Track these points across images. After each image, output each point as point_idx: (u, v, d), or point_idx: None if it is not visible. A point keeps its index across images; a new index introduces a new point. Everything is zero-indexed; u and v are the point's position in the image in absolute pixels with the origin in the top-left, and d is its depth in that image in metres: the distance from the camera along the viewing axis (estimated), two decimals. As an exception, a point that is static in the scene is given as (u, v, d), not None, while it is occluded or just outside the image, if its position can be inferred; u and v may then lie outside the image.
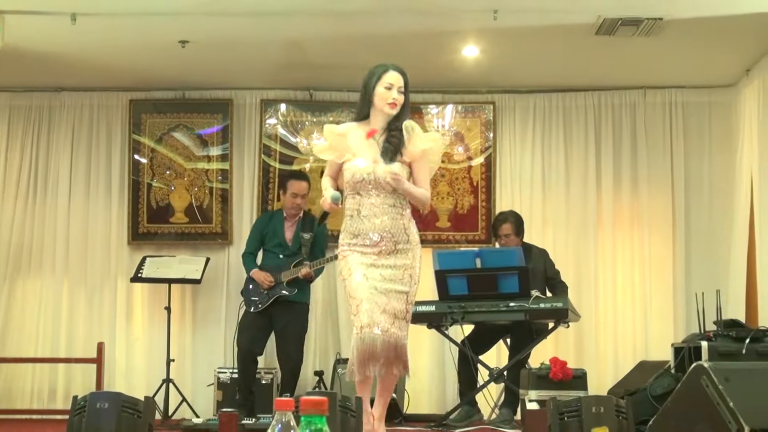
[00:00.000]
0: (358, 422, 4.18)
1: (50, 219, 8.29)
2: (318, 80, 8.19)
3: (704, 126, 8.26)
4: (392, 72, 4.75)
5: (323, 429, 1.59)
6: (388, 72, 4.75)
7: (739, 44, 7.21)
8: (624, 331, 8.13)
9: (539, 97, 8.38)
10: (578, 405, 3.76)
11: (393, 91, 4.70)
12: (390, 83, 4.70)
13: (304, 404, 1.59)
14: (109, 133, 8.39)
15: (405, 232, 4.64)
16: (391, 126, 4.72)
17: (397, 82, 4.72)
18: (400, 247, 4.61)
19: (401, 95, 4.72)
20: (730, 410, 3.73)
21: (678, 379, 5.18)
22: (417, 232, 4.79)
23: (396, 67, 4.78)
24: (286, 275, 7.16)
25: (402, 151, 4.66)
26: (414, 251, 4.67)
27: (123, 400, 3.80)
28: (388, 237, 4.60)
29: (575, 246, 8.19)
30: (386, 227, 4.60)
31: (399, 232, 4.63)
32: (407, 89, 4.76)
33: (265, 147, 8.29)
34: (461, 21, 6.82)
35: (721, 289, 6.62)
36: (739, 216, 7.81)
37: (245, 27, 6.90)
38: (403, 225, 4.66)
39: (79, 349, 8.07)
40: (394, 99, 4.71)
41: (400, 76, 4.74)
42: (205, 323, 8.22)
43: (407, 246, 4.64)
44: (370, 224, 4.62)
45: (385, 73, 4.74)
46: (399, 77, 4.74)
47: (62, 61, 7.58)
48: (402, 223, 4.64)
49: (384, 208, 4.63)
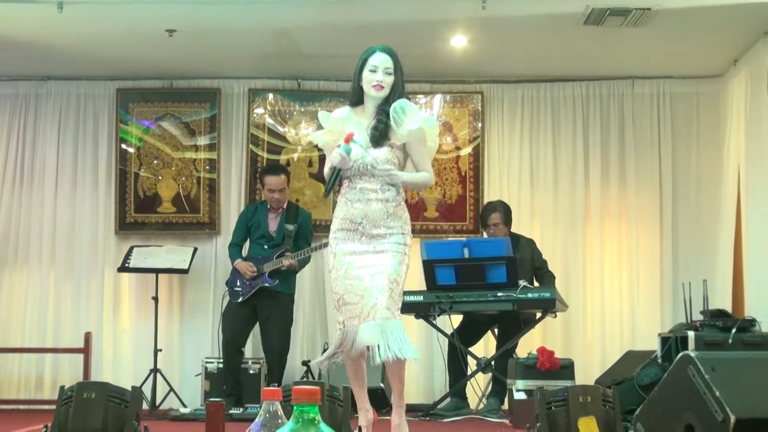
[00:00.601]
0: (345, 411, 4.18)
1: (37, 208, 8.27)
2: (306, 69, 8.17)
3: (692, 116, 8.28)
4: (378, 54, 4.61)
5: (316, 418, 1.59)
6: (374, 54, 4.61)
7: (726, 35, 7.22)
8: (611, 321, 8.16)
9: (527, 87, 8.38)
10: (565, 395, 3.77)
11: (378, 73, 4.57)
12: (375, 65, 4.58)
13: (297, 394, 1.59)
14: (96, 122, 8.37)
15: (394, 217, 4.54)
16: (381, 110, 4.58)
17: (383, 63, 4.57)
18: (387, 232, 4.52)
19: (388, 76, 4.57)
20: (717, 399, 3.74)
21: (665, 369, 5.19)
22: (407, 218, 4.66)
23: (383, 48, 4.63)
24: (268, 266, 7.15)
25: (391, 135, 4.58)
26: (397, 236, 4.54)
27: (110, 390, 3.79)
28: (376, 222, 4.50)
29: (563, 236, 8.21)
30: (375, 212, 4.51)
31: (386, 217, 4.52)
32: (398, 70, 4.60)
33: (252, 136, 8.28)
34: (450, 11, 6.82)
35: (707, 279, 6.64)
36: (725, 206, 7.84)
37: (233, 16, 6.88)
38: (393, 210, 4.56)
39: (67, 339, 8.06)
40: (379, 81, 4.56)
41: (386, 57, 4.59)
42: (192, 313, 8.21)
43: (387, 231, 4.53)
44: (359, 209, 4.54)
45: (371, 56, 4.61)
46: (385, 58, 4.59)
47: (49, 49, 7.55)
48: (388, 206, 4.54)
49: (374, 193, 4.55)
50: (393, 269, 4.48)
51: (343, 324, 4.48)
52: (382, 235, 4.52)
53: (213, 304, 8.08)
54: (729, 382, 3.82)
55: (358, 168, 4.54)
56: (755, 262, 7.19)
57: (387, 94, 4.60)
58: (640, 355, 6.63)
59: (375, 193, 4.54)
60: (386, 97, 4.60)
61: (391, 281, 4.46)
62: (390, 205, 4.55)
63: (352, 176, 4.58)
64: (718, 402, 3.73)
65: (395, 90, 4.61)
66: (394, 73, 4.60)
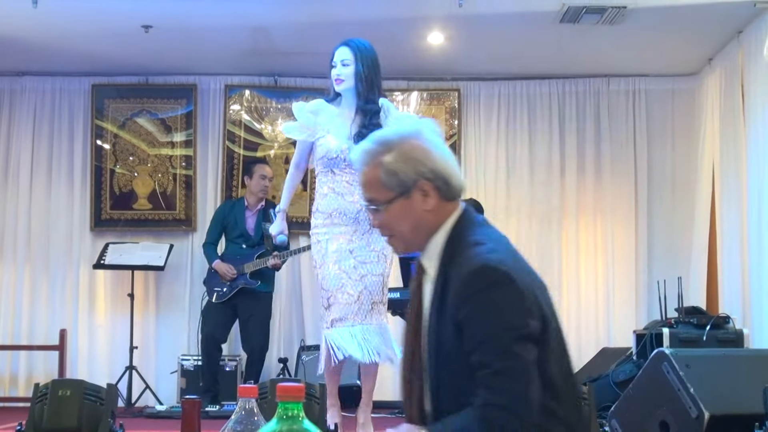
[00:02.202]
0: (321, 408, 4.18)
1: (11, 205, 8.20)
2: (283, 66, 8.15)
3: (667, 114, 8.32)
4: (338, 49, 4.62)
5: (300, 415, 1.61)
6: (336, 50, 4.63)
7: (701, 33, 7.26)
8: (587, 318, 8.18)
9: (504, 84, 8.40)
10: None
11: (337, 67, 4.59)
12: (335, 61, 4.59)
13: (282, 391, 1.61)
14: (71, 118, 8.32)
15: None
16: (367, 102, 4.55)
17: (340, 57, 4.58)
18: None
19: (345, 67, 4.56)
20: (691, 396, 3.77)
21: (639, 366, 5.22)
22: None
23: (344, 42, 4.63)
24: (249, 267, 7.14)
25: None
26: None
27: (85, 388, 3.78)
28: (364, 215, 4.42)
29: (539, 233, 8.23)
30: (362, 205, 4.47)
31: None
32: (359, 59, 4.57)
33: (229, 133, 8.25)
34: (427, 8, 6.82)
35: (682, 276, 6.68)
36: (700, 204, 7.88)
37: (210, 12, 6.85)
38: None
39: (41, 336, 8.01)
40: (338, 75, 4.57)
41: (344, 49, 4.60)
42: (168, 310, 8.18)
43: None
44: (346, 202, 4.49)
45: (334, 53, 4.63)
46: (343, 50, 4.59)
47: (24, 45, 7.49)
48: None
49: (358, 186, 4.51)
50: (386, 271, 4.50)
51: (331, 324, 4.43)
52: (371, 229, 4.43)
53: (189, 301, 8.05)
54: (703, 379, 3.85)
55: (344, 159, 4.49)
56: (729, 260, 7.24)
57: (351, 85, 4.57)
58: (615, 352, 6.67)
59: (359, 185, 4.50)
60: (355, 90, 4.56)
61: (385, 285, 4.49)
62: None
63: (334, 168, 4.53)
64: (693, 399, 3.76)
65: (359, 79, 4.55)
66: (353, 63, 4.56)
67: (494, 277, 2.30)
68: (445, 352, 2.36)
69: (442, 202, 2.46)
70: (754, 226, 6.73)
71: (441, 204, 2.45)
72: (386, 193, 2.44)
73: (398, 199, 2.44)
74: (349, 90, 4.61)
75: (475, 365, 2.25)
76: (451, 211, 2.48)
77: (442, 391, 2.37)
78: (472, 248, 2.37)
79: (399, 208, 2.44)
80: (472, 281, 2.30)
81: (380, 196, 2.46)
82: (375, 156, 2.46)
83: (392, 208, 2.45)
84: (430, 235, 2.46)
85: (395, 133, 2.54)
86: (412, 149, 2.44)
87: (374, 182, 2.46)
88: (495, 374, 2.19)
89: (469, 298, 2.29)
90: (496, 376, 2.18)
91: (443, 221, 2.46)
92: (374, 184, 2.46)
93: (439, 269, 2.42)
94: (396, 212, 2.45)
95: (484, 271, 2.30)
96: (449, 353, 2.34)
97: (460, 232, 2.44)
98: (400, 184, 2.43)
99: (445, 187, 2.45)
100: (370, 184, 2.48)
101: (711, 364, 3.99)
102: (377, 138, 2.52)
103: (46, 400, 3.72)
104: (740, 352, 5.19)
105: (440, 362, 2.38)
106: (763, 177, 6.60)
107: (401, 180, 2.42)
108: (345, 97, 4.63)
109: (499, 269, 2.31)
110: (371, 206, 2.49)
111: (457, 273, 2.35)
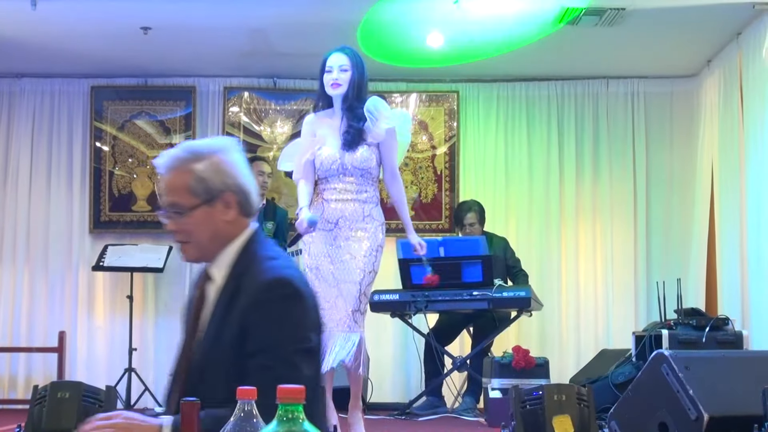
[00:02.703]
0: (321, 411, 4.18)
1: (11, 207, 8.19)
2: (282, 68, 8.15)
3: (666, 116, 8.32)
4: (333, 55, 4.67)
5: (300, 416, 1.62)
6: (329, 56, 4.68)
7: (700, 35, 7.25)
8: (586, 320, 8.18)
9: (502, 86, 8.39)
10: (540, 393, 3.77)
11: (333, 72, 4.63)
12: (331, 66, 4.64)
13: (282, 393, 1.62)
14: (70, 120, 8.31)
15: (370, 219, 4.56)
16: (351, 108, 4.60)
17: (338, 62, 4.62)
18: (355, 235, 4.53)
19: (344, 73, 4.61)
20: (690, 398, 3.76)
21: (639, 368, 5.22)
22: (382, 217, 4.68)
23: (339, 48, 4.69)
24: None
25: (366, 135, 4.58)
26: (373, 238, 4.56)
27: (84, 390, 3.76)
28: (344, 221, 4.52)
29: (538, 235, 8.22)
30: (348, 211, 4.52)
31: (357, 218, 4.53)
32: (356, 66, 4.64)
33: (228, 135, 8.24)
34: (425, 9, 6.81)
35: (681, 278, 6.67)
36: (699, 205, 7.88)
37: (208, 14, 6.84)
38: (369, 211, 4.57)
39: (40, 338, 8.00)
40: (335, 79, 4.61)
41: (339, 55, 4.64)
42: (167, 312, 8.16)
43: (363, 234, 4.54)
44: (330, 208, 4.55)
45: (328, 58, 4.68)
46: (338, 56, 4.64)
47: (23, 46, 7.48)
48: (365, 207, 4.55)
49: (348, 193, 4.55)
50: (363, 279, 4.52)
51: None
52: (357, 237, 4.53)
53: (188, 303, 8.03)
54: (702, 381, 3.84)
55: (336, 168, 4.56)
56: (728, 261, 7.23)
57: (345, 91, 4.62)
58: (614, 353, 6.66)
59: (351, 193, 4.55)
60: (345, 95, 4.62)
61: (362, 293, 4.50)
62: (367, 206, 4.57)
63: (329, 177, 4.60)
64: (692, 400, 3.75)
65: (352, 86, 4.62)
66: (350, 69, 4.61)
67: (288, 290, 2.44)
68: (219, 353, 2.47)
69: (240, 217, 2.58)
70: (753, 227, 6.73)
71: (239, 218, 2.57)
72: (191, 200, 2.53)
73: (202, 206, 2.53)
74: (340, 95, 4.66)
75: (256, 368, 2.37)
76: (245, 225, 2.60)
77: (205, 386, 2.44)
78: (267, 261, 2.51)
79: (201, 215, 2.54)
80: (266, 290, 2.43)
81: (185, 202, 2.53)
82: (185, 163, 2.54)
83: (195, 214, 2.54)
84: (224, 245, 2.57)
85: (206, 144, 2.63)
86: (221, 162, 2.55)
87: (181, 188, 2.53)
88: (276, 379, 2.26)
89: (260, 304, 2.42)
90: (277, 381, 2.26)
91: (238, 234, 2.58)
92: (181, 189, 2.54)
93: (228, 278, 2.54)
94: (197, 219, 2.54)
95: (279, 283, 2.44)
96: (224, 354, 2.45)
97: (254, 245, 2.58)
98: (207, 192, 2.52)
99: (245, 203, 2.58)
100: (176, 189, 2.55)
101: (710, 366, 3.98)
102: (188, 147, 2.61)
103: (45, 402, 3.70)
104: (739, 353, 5.19)
105: (211, 361, 2.50)
106: (761, 179, 6.60)
107: (209, 188, 2.52)
108: (337, 104, 4.69)
109: (292, 284, 2.45)
110: (172, 210, 2.55)
111: (250, 282, 2.47)
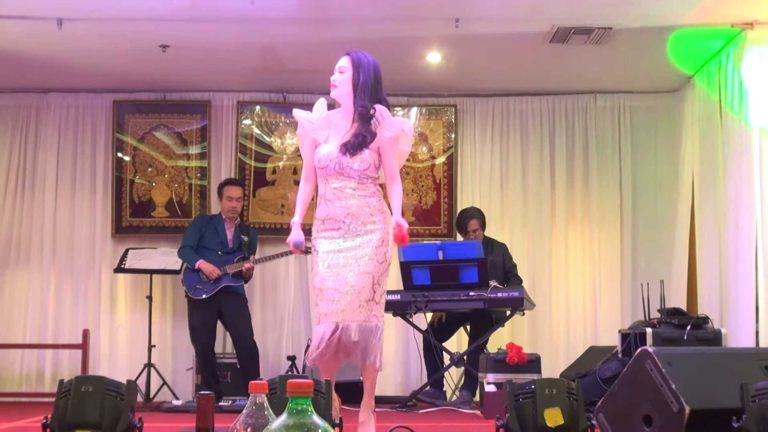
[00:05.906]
0: (327, 403, 4.17)
1: (38, 214, 8.22)
2: (291, 83, 8.16)
3: (650, 128, 8.33)
4: (340, 59, 4.56)
5: (309, 409, 1.61)
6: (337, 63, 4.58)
7: (683, 53, 7.26)
8: (575, 319, 8.19)
9: (498, 100, 8.41)
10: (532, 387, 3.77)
11: (334, 75, 4.57)
12: (335, 69, 4.58)
13: (291, 387, 1.61)
14: (93, 132, 8.33)
15: (371, 214, 4.39)
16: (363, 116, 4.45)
17: (338, 64, 4.53)
18: (366, 228, 4.37)
19: (341, 74, 4.50)
20: (672, 392, 3.76)
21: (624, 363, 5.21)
22: (388, 212, 4.48)
23: (346, 52, 4.56)
24: (231, 268, 7.19)
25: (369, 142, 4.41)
26: (381, 232, 4.38)
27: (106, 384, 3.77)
28: (353, 219, 4.36)
29: (531, 239, 8.23)
30: (351, 209, 4.35)
31: (364, 213, 4.37)
32: (357, 68, 4.49)
33: (241, 146, 8.27)
34: (425, 29, 6.83)
35: (664, 279, 6.68)
36: (681, 211, 7.88)
37: (223, 33, 6.86)
38: (370, 206, 4.42)
39: (66, 336, 8.02)
40: (332, 80, 4.52)
41: (343, 58, 4.53)
42: (184, 311, 8.10)
43: (373, 227, 4.37)
44: (334, 207, 4.41)
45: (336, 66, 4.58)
46: (342, 59, 4.53)
47: (49, 63, 7.51)
48: (368, 203, 4.40)
49: (347, 191, 4.40)
50: (376, 270, 4.38)
51: (319, 320, 4.39)
52: (367, 230, 4.37)
53: (203, 302, 8.05)
54: (684, 376, 3.84)
55: (334, 168, 4.44)
56: (708, 264, 7.23)
57: (344, 92, 4.51)
58: (601, 350, 6.67)
59: (353, 190, 4.41)
60: (353, 98, 4.48)
61: (375, 282, 4.34)
62: (371, 200, 4.41)
63: (328, 176, 4.47)
64: (674, 394, 3.76)
65: (356, 88, 4.48)
66: (349, 71, 4.49)
67: None
68: None
69: None
70: (731, 233, 6.73)
71: None
72: None
73: None
74: (343, 97, 4.55)
75: None
76: None
77: None
78: None
79: None
80: None
81: None
82: None
83: None
84: None
85: None
86: None
87: None
88: None
89: None
90: None
91: None
92: None
93: None
94: None
95: None
96: None
97: None
98: None
99: None
100: None
101: (691, 362, 3.98)
102: None
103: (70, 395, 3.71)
104: (718, 350, 5.18)
105: None
106: (739, 188, 6.60)
107: None
108: (343, 105, 4.59)
109: None
110: None
111: None
